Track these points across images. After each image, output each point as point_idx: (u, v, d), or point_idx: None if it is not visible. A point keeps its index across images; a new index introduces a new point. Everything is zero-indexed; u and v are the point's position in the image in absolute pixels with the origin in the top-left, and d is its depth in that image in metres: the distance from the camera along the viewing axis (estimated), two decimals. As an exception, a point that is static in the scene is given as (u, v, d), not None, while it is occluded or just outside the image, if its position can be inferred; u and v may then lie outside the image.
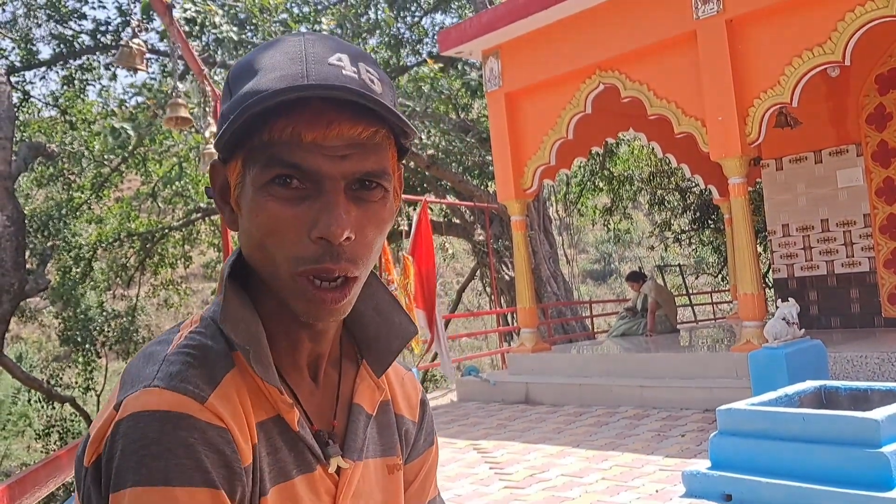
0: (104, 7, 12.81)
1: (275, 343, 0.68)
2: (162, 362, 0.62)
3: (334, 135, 0.61)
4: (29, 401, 12.98)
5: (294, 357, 0.70)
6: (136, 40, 4.01)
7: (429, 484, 0.85)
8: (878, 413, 3.03)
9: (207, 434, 0.59)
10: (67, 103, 12.29)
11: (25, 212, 10.87)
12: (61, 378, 12.86)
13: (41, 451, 14.01)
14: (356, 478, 0.71)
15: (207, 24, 8.74)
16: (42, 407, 12.77)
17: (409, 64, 12.83)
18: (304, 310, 0.65)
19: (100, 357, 12.91)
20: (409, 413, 0.81)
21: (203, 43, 9.32)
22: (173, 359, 0.63)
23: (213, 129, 5.27)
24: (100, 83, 12.79)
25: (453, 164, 11.35)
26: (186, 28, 8.60)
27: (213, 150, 5.25)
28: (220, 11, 8.91)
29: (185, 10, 8.77)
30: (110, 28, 11.88)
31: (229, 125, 0.61)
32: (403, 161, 0.70)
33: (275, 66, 0.62)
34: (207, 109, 5.56)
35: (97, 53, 12.21)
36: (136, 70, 4.12)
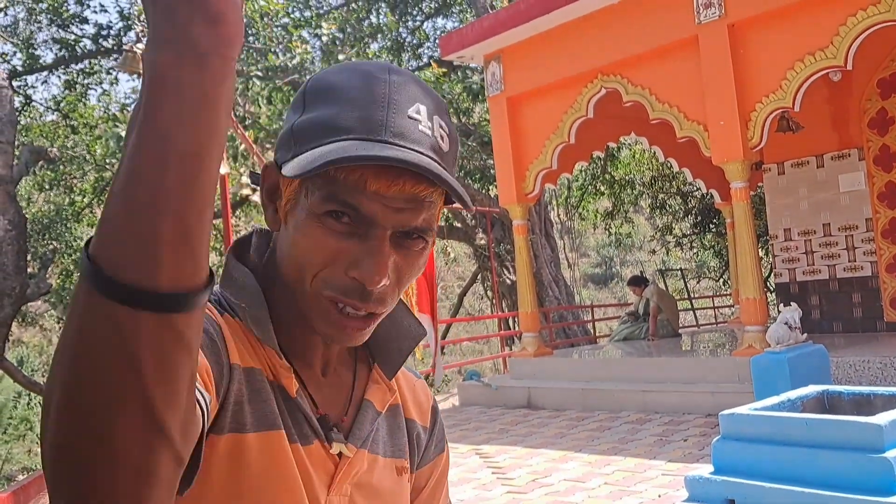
0: (106, 11, 12.85)
1: (287, 332, 0.69)
2: None
3: (397, 189, 0.63)
4: (28, 404, 12.96)
5: (304, 351, 0.71)
6: (139, 45, 4.02)
7: (439, 491, 0.85)
8: (882, 418, 3.02)
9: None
10: (69, 107, 12.31)
11: (27, 216, 10.88)
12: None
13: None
14: (357, 464, 0.71)
15: None
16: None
17: (410, 68, 12.85)
18: (324, 331, 0.67)
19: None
20: (420, 418, 0.82)
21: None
22: None
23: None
24: (101, 87, 12.80)
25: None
26: None
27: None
28: None
29: None
30: (112, 32, 11.92)
31: (304, 167, 0.61)
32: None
33: (357, 104, 0.63)
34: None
35: (99, 58, 12.25)
36: (139, 75, 4.13)
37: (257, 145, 8.92)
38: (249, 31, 9.58)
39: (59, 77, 12.69)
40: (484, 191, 11.55)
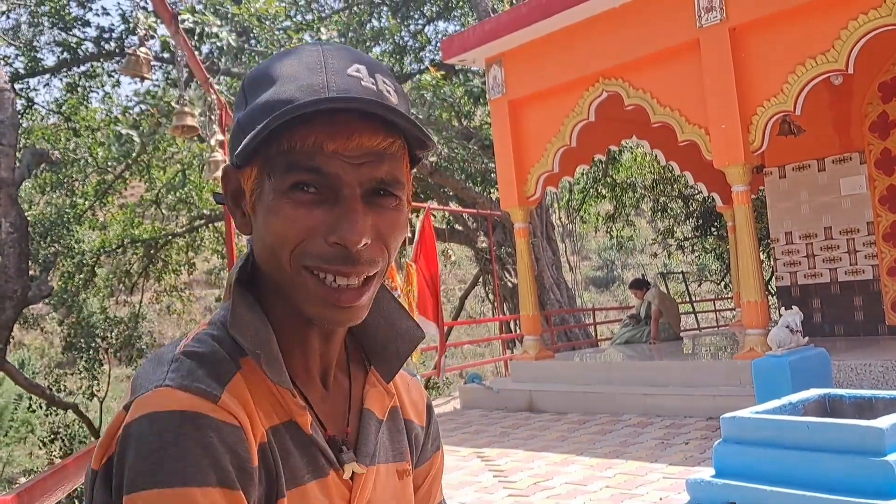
0: (108, 14, 12.91)
1: (285, 349, 0.67)
2: (171, 363, 0.62)
3: (354, 145, 0.62)
4: (30, 407, 12.97)
5: (306, 363, 0.70)
6: (142, 49, 4.04)
7: (435, 488, 0.86)
8: (883, 421, 3.02)
9: (223, 432, 0.59)
10: (71, 110, 12.34)
11: (29, 218, 10.89)
12: (64, 385, 12.86)
13: (44, 458, 14.01)
14: (370, 483, 0.71)
15: (206, 35, 8.79)
16: (45, 414, 12.76)
17: (412, 71, 12.88)
18: (316, 312, 0.65)
19: (102, 364, 12.91)
20: (416, 418, 0.82)
21: (206, 51, 9.37)
22: (182, 359, 0.62)
23: (219, 137, 5.29)
24: (103, 90, 12.83)
25: (456, 172, 11.37)
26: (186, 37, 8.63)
27: (219, 157, 5.22)
28: (219, 22, 8.95)
29: (183, 21, 8.82)
30: (114, 35, 11.95)
31: (255, 136, 0.61)
32: (413, 169, 0.71)
33: (295, 76, 0.63)
34: (213, 118, 5.59)
35: (101, 60, 12.27)
36: (142, 78, 4.14)
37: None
38: (251, 35, 9.60)
39: (61, 80, 12.73)
40: (485, 194, 11.56)
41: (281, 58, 0.66)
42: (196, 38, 8.73)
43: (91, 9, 12.19)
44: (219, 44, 8.96)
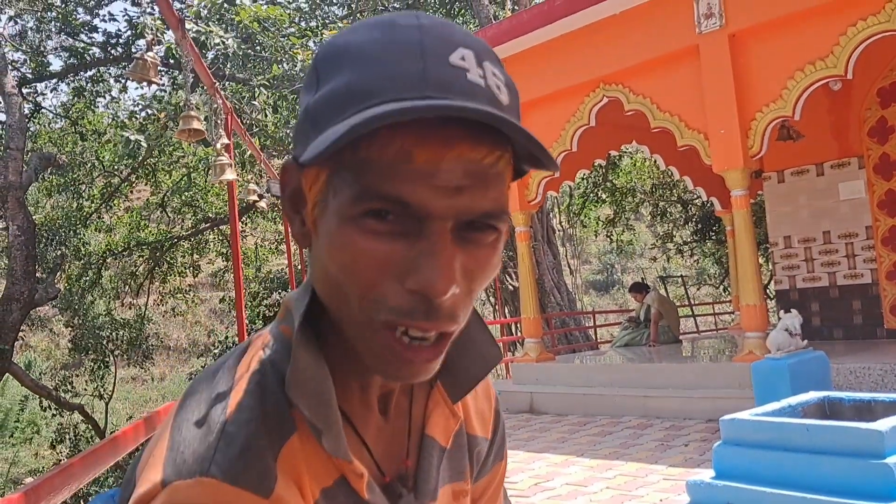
0: (115, 20, 12.98)
1: (341, 384, 0.58)
2: (220, 435, 0.52)
3: (453, 158, 0.48)
4: (41, 405, 13.01)
5: (363, 396, 0.60)
6: (149, 53, 4.10)
7: (495, 500, 0.76)
8: (883, 424, 3.06)
9: None
10: (78, 114, 12.42)
11: (36, 221, 10.96)
12: (71, 386, 12.92)
13: (50, 459, 14.05)
14: None
15: (209, 43, 8.85)
16: (51, 415, 12.82)
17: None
18: (383, 370, 0.54)
19: (108, 365, 12.97)
20: (482, 431, 0.71)
21: (212, 56, 9.44)
22: (232, 430, 0.52)
23: (225, 141, 5.34)
24: (110, 95, 12.92)
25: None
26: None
27: (225, 161, 5.24)
28: (221, 32, 9.01)
29: (188, 30, 8.89)
30: (121, 41, 12.03)
31: (329, 146, 0.47)
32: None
33: (384, 58, 0.49)
34: (219, 122, 5.65)
35: (108, 65, 12.36)
36: (150, 83, 4.19)
37: (264, 152, 9.00)
38: (255, 42, 9.68)
39: (68, 84, 12.81)
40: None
41: (364, 30, 0.51)
42: (200, 47, 8.80)
43: (98, 14, 12.27)
44: (224, 50, 9.02)
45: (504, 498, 0.79)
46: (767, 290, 10.95)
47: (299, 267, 10.42)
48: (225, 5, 9.42)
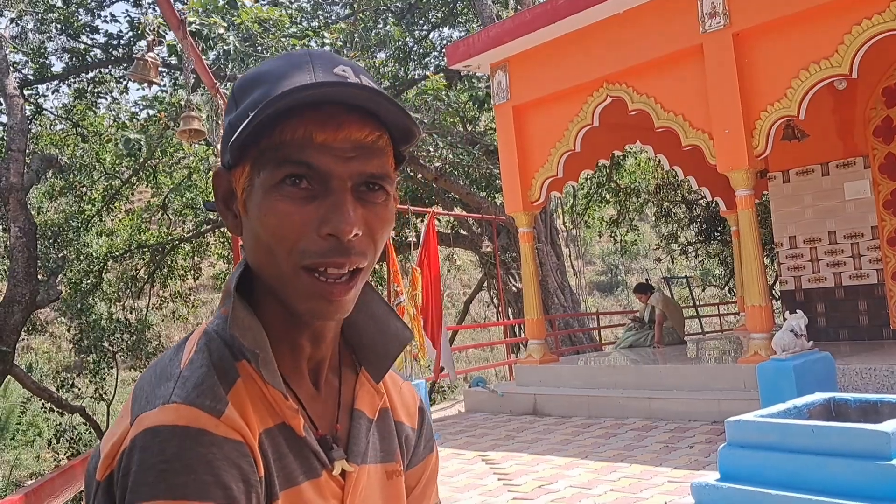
0: (116, 21, 13.00)
1: (277, 350, 0.68)
2: (177, 379, 0.63)
3: (343, 136, 0.64)
4: (43, 408, 13.02)
5: (296, 363, 0.71)
6: (150, 54, 4.08)
7: (430, 490, 0.86)
8: (889, 425, 3.02)
9: (225, 448, 0.60)
10: (79, 116, 12.43)
11: (37, 223, 10.97)
12: (72, 387, 12.93)
13: (51, 461, 14.05)
14: (362, 482, 0.72)
15: (213, 35, 8.84)
16: (52, 417, 12.82)
17: (416, 77, 12.94)
18: (309, 308, 0.66)
19: (110, 367, 12.97)
20: (408, 420, 0.82)
21: (213, 56, 9.44)
22: (187, 374, 0.64)
23: (226, 141, 5.32)
24: (111, 96, 12.93)
25: (461, 177, 11.41)
26: (193, 41, 8.69)
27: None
28: (225, 24, 9.01)
29: (191, 24, 8.88)
30: (122, 42, 12.04)
31: (247, 124, 0.62)
32: (400, 170, 0.73)
33: (283, 76, 0.65)
34: (219, 122, 5.64)
35: (109, 67, 12.37)
36: (150, 83, 4.18)
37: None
38: (258, 41, 9.67)
39: (70, 86, 12.83)
40: (490, 199, 11.59)
41: (269, 62, 0.69)
42: (202, 40, 8.78)
43: (99, 15, 12.29)
44: (225, 47, 9.01)
45: (438, 501, 0.89)
46: (773, 291, 10.89)
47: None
48: (226, 7, 9.42)
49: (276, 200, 0.64)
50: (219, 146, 5.36)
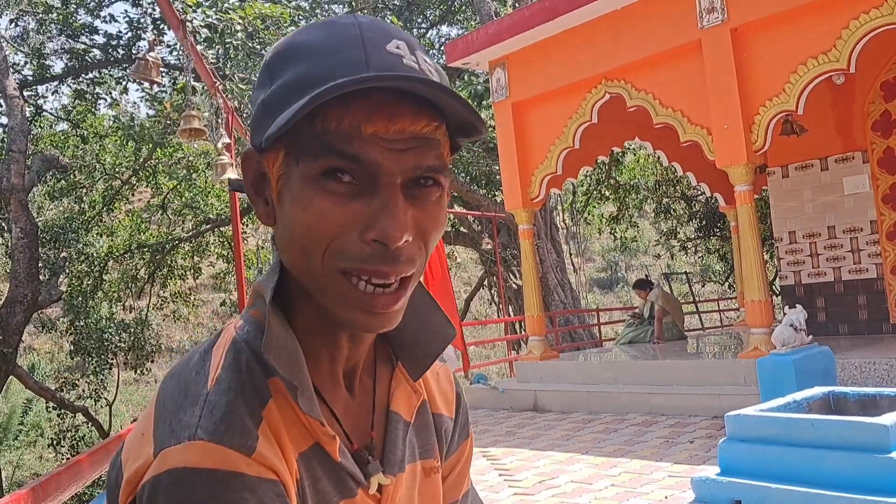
0: (116, 21, 13.00)
1: (311, 354, 0.63)
2: (203, 405, 0.57)
3: (396, 129, 0.56)
4: (47, 408, 13.04)
5: (332, 369, 0.65)
6: (151, 54, 4.10)
7: (463, 477, 0.81)
8: (888, 419, 3.04)
9: (258, 492, 0.55)
10: (79, 117, 12.44)
11: (38, 224, 10.99)
12: (74, 387, 12.96)
13: (53, 461, 14.08)
14: (398, 493, 0.68)
15: (227, 30, 8.85)
16: (54, 417, 12.85)
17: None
18: (350, 318, 0.59)
19: (112, 367, 13.00)
20: (446, 410, 0.77)
21: (214, 55, 9.45)
22: (213, 399, 0.58)
23: (226, 140, 5.34)
24: (111, 96, 12.93)
25: (460, 174, 11.42)
26: (207, 32, 8.71)
27: (226, 161, 5.25)
28: (240, 20, 9.02)
29: (207, 17, 8.90)
30: (122, 42, 12.05)
31: (294, 114, 0.53)
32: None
33: (330, 50, 0.57)
34: (220, 121, 5.65)
35: (109, 67, 12.37)
36: (152, 83, 4.20)
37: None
38: (256, 38, 9.68)
39: (70, 87, 12.83)
40: (490, 196, 11.60)
41: (310, 30, 0.59)
42: (217, 34, 8.77)
43: (99, 16, 12.29)
44: (234, 43, 9.01)
45: (471, 487, 0.83)
46: (772, 286, 10.91)
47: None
48: (230, 3, 9.43)
49: (315, 196, 0.56)
50: (219, 144, 5.39)
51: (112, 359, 12.84)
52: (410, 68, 0.57)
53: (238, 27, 8.77)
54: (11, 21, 12.09)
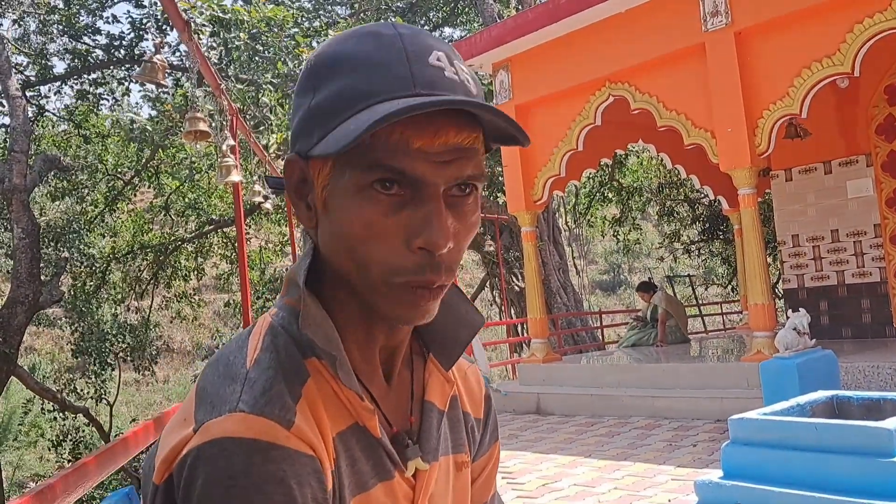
0: (118, 22, 13.04)
1: (349, 344, 0.65)
2: (244, 381, 0.60)
3: (441, 142, 0.59)
4: (43, 410, 13.05)
5: (369, 354, 0.67)
6: (157, 56, 4.10)
7: (491, 480, 0.83)
8: (892, 423, 3.02)
9: (296, 465, 0.57)
10: (81, 117, 12.46)
11: (40, 224, 10.99)
12: (75, 388, 12.96)
13: (54, 462, 14.08)
14: (433, 479, 0.69)
15: (236, 23, 8.85)
16: (55, 417, 12.85)
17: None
18: (398, 314, 0.63)
19: (113, 368, 13.00)
20: (473, 410, 0.79)
21: (217, 55, 9.46)
22: (253, 376, 0.60)
23: (230, 142, 5.34)
24: (113, 97, 12.96)
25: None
26: (212, 28, 8.73)
27: (230, 162, 5.24)
28: (248, 16, 9.03)
29: (213, 11, 8.93)
30: (124, 43, 12.07)
31: (357, 136, 0.56)
32: None
33: (377, 63, 0.59)
34: (224, 123, 5.65)
35: (111, 68, 12.39)
36: (158, 84, 4.20)
37: (270, 152, 9.01)
38: (259, 41, 9.69)
39: (72, 87, 12.86)
40: (492, 198, 11.60)
41: (355, 40, 0.62)
42: (224, 28, 8.77)
43: (101, 17, 12.31)
44: (232, 35, 9.02)
45: (496, 492, 0.85)
46: (776, 290, 10.89)
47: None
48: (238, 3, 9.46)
49: (364, 206, 0.59)
50: (223, 146, 5.39)
51: (113, 360, 12.84)
52: (451, 80, 0.60)
53: (244, 17, 8.77)
54: (14, 22, 12.12)
